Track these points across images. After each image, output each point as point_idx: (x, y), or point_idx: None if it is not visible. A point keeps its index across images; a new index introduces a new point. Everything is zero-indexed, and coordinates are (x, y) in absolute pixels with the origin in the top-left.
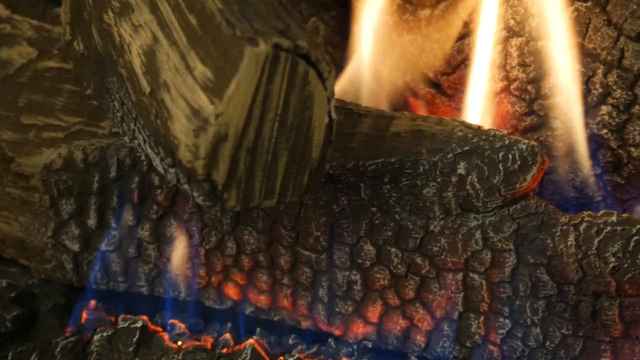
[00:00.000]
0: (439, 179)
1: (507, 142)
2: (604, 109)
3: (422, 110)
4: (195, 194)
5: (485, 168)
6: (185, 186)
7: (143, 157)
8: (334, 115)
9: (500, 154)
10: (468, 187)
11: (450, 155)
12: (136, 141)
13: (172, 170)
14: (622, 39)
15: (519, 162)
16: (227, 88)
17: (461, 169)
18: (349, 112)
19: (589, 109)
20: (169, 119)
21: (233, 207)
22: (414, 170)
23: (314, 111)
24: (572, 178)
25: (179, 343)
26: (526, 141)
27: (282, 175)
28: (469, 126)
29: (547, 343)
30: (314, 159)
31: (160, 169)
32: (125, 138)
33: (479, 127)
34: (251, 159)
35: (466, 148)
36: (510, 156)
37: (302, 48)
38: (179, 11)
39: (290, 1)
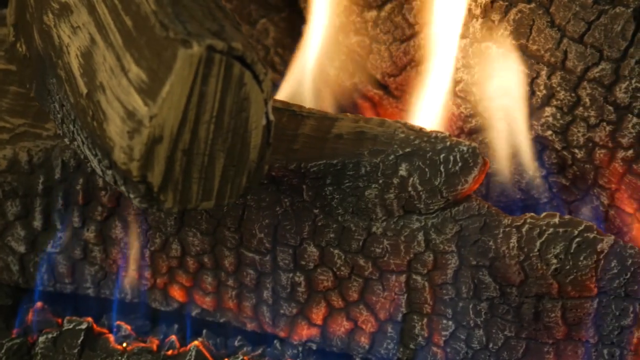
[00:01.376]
0: (380, 181)
1: (448, 143)
2: (548, 110)
3: (370, 112)
4: (131, 195)
5: (426, 170)
6: (122, 188)
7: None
8: (271, 117)
9: (442, 156)
10: (410, 188)
11: (392, 156)
12: (75, 143)
13: (109, 172)
14: (565, 40)
15: (460, 164)
16: (161, 90)
17: (403, 171)
18: (292, 113)
19: (534, 111)
20: (104, 120)
21: (170, 209)
22: (355, 172)
23: (250, 113)
24: (518, 180)
25: (124, 345)
26: (467, 143)
27: (220, 177)
28: (411, 127)
29: (490, 345)
30: (251, 160)
31: (98, 170)
32: (66, 140)
33: (421, 129)
34: (187, 160)
35: (408, 150)
36: (452, 158)
37: (237, 50)
38: (115, 13)
39: (239, 3)
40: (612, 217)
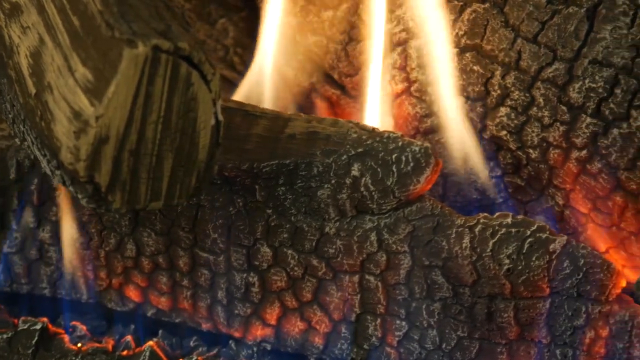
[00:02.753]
0: (333, 181)
1: (400, 143)
2: (503, 110)
3: (327, 112)
4: (79, 196)
5: (378, 170)
6: (71, 188)
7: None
8: (220, 117)
9: (394, 156)
10: (362, 188)
11: (344, 157)
12: (26, 143)
13: (57, 173)
14: (519, 40)
15: (412, 164)
16: (107, 90)
17: (355, 171)
18: (245, 113)
19: (488, 111)
20: (52, 120)
21: (118, 209)
22: (308, 172)
23: (198, 113)
24: (474, 180)
25: (79, 345)
26: (419, 143)
27: (169, 178)
28: (363, 128)
29: (444, 345)
30: (201, 161)
31: (48, 171)
32: (17, 140)
33: (373, 129)
34: (135, 160)
35: (360, 150)
36: (404, 158)
37: (184, 50)
38: (64, 13)
39: (199, 2)
40: (567, 217)
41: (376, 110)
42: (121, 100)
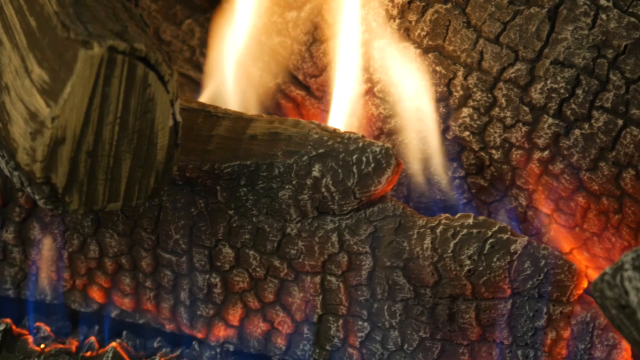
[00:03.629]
0: (294, 182)
1: (361, 144)
2: (465, 111)
3: (293, 113)
4: (37, 197)
5: (339, 171)
6: (28, 189)
7: None
8: (178, 118)
9: (354, 157)
10: (323, 189)
11: (305, 157)
12: None
13: (15, 174)
14: (481, 41)
15: (373, 165)
16: (63, 91)
17: (316, 172)
18: (207, 114)
19: (451, 111)
20: (9, 121)
21: (76, 210)
22: (269, 173)
23: (156, 114)
24: (438, 181)
25: (42, 346)
26: (380, 144)
27: (127, 179)
28: (324, 129)
29: (406, 346)
30: (159, 161)
31: (6, 172)
32: None
33: (334, 130)
34: (92, 162)
35: (321, 151)
36: (364, 159)
37: (140, 51)
38: (21, 14)
39: (165, 3)
40: (531, 218)
41: (341, 110)
42: (77, 101)
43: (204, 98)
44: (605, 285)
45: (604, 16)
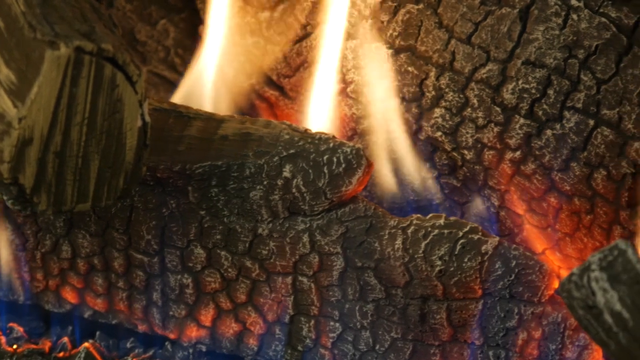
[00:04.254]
0: (265, 182)
1: (331, 145)
2: (438, 111)
3: (267, 113)
4: (5, 197)
5: (310, 171)
6: None
7: None
8: (147, 118)
9: (325, 157)
10: (294, 190)
11: (276, 158)
12: None
13: None
14: (453, 41)
15: (343, 165)
16: (30, 91)
17: (287, 172)
18: (179, 115)
19: (424, 112)
20: None
21: (44, 211)
22: (240, 174)
23: (124, 114)
24: (411, 181)
25: (15, 347)
26: (351, 144)
27: (95, 179)
28: (295, 129)
29: (377, 347)
30: (128, 162)
31: None
32: None
33: (306, 130)
34: (60, 162)
35: (292, 151)
36: (335, 159)
37: (107, 51)
38: None
39: (140, 3)
40: (503, 219)
41: (314, 111)
42: (44, 102)
43: (178, 98)
44: (572, 285)
45: (575, 16)
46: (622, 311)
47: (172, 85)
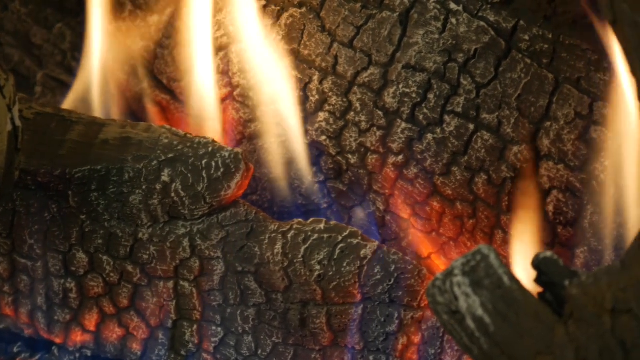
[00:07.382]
0: (144, 187)
1: (210, 149)
2: (322, 115)
3: (159, 117)
4: None
5: (189, 175)
6: None
7: None
8: (17, 123)
9: (204, 161)
10: (173, 194)
11: (155, 162)
12: None
13: None
14: (335, 45)
15: (222, 170)
16: None
17: (165, 177)
18: (61, 119)
19: (309, 116)
20: None
21: None
22: (120, 178)
23: None
24: (298, 185)
25: None
26: (230, 148)
27: None
28: (175, 133)
29: (260, 351)
30: None
31: None
32: None
33: (185, 135)
34: None
35: (171, 155)
36: (214, 163)
37: None
38: None
39: (35, 7)
40: (389, 223)
41: (202, 115)
42: None
43: (69, 102)
44: (436, 290)
45: (454, 20)
46: (484, 316)
47: (69, 89)
